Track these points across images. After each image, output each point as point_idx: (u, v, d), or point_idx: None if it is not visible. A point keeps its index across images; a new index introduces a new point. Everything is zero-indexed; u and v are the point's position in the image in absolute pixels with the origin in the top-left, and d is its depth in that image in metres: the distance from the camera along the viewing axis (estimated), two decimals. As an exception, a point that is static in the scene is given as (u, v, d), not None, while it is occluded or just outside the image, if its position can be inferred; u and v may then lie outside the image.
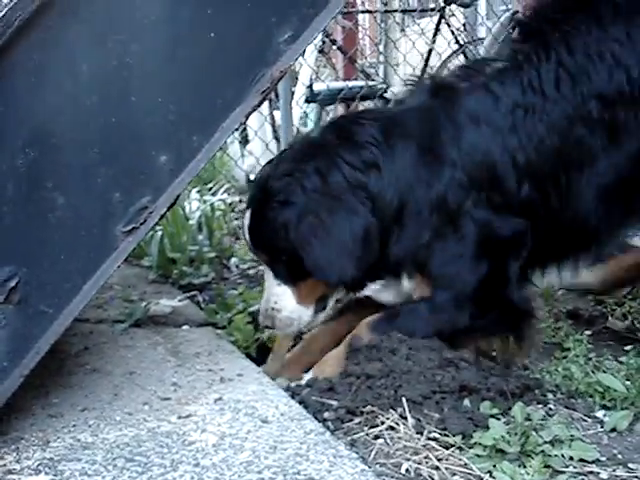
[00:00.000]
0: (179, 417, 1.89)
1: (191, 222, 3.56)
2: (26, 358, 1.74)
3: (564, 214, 2.28)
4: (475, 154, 2.22)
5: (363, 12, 9.04)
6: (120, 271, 3.34)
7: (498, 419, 1.90)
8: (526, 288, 2.32)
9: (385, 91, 6.05)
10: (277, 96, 4.85)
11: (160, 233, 3.35)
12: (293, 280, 2.25)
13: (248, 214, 2.29)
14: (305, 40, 1.87)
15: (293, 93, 5.09)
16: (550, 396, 2.11)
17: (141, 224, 1.77)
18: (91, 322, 2.71)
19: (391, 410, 1.94)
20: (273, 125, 5.17)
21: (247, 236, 2.30)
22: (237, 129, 1.90)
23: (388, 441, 1.83)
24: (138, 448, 1.74)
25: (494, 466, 1.66)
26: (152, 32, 1.76)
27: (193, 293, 3.06)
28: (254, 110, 1.83)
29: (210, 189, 4.60)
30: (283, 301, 2.27)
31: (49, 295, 1.75)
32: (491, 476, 1.63)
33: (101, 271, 1.77)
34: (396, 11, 9.19)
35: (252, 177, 5.28)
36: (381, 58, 9.15)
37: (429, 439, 1.82)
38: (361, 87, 5.84)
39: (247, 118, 1.84)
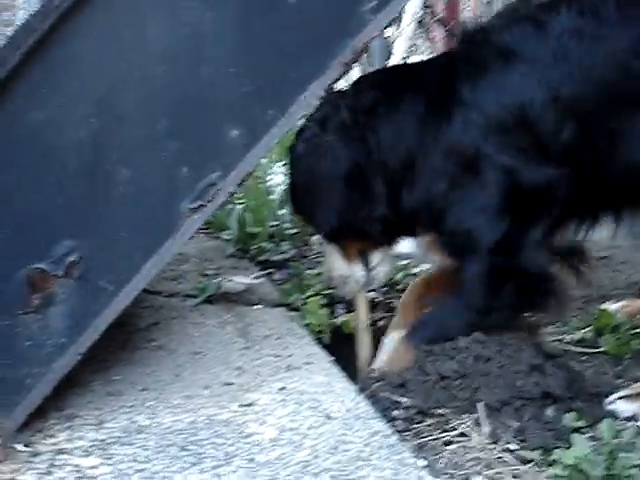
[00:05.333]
0: (240, 405, 1.81)
1: (273, 197, 3.46)
2: (83, 335, 1.69)
3: (613, 161, 1.99)
4: (499, 94, 2.01)
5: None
6: (199, 243, 3.31)
7: (583, 433, 1.73)
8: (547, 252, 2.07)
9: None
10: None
11: (241, 206, 3.27)
12: (330, 238, 2.21)
13: None
14: (393, 9, 1.72)
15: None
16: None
17: (208, 201, 1.68)
18: (163, 295, 2.65)
19: (465, 415, 1.80)
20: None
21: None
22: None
23: (459, 449, 1.69)
24: (193, 436, 1.66)
25: (574, 489, 1.50)
26: (229, -1, 1.65)
27: (270, 271, 2.96)
28: (334, 83, 1.70)
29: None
30: (333, 259, 2.24)
31: (109, 272, 1.68)
32: (571, 500, 1.47)
33: (163, 249, 1.69)
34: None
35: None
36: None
37: (504, 451, 1.67)
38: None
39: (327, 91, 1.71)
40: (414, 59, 5.69)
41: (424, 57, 5.85)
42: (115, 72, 1.63)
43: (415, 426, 1.81)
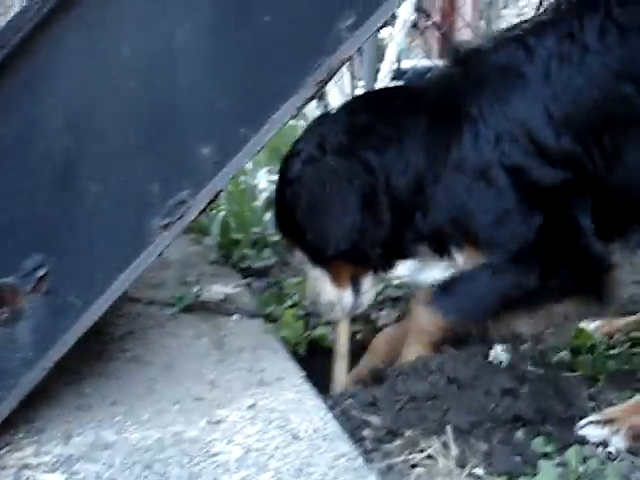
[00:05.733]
0: (208, 422, 1.80)
1: (258, 202, 3.45)
2: (51, 350, 1.67)
3: (611, 178, 2.00)
4: (504, 108, 2.03)
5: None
6: (181, 248, 3.29)
7: (552, 458, 1.72)
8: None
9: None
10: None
11: (224, 212, 3.25)
12: (321, 261, 2.18)
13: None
14: (370, 27, 1.70)
15: (378, 70, 4.89)
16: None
17: (178, 219, 1.67)
18: (142, 303, 2.64)
19: (434, 437, 1.79)
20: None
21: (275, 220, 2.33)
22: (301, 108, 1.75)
23: (425, 473, 1.68)
24: (159, 454, 1.65)
25: (537, 519, 1.50)
26: (202, 14, 1.63)
27: (249, 280, 2.95)
28: (307, 102, 1.68)
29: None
30: (320, 284, 2.20)
31: (79, 287, 1.67)
32: (533, 530, 1.47)
33: (134, 266, 1.68)
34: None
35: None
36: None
37: (470, 476, 1.66)
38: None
39: (300, 110, 1.69)
40: (406, 63, 5.68)
41: (416, 61, 5.84)
42: (89, 86, 1.62)
43: (384, 446, 1.80)
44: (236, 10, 1.64)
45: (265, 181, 3.65)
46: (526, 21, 2.21)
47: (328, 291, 2.19)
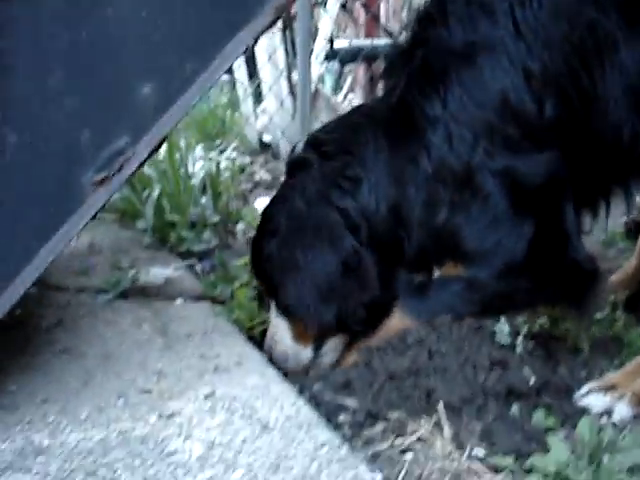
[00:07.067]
0: (159, 416, 1.53)
1: (194, 182, 3.16)
2: (-36, 339, 1.38)
3: (596, 126, 1.82)
4: (474, 95, 1.81)
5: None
6: (111, 233, 2.99)
7: (556, 432, 1.52)
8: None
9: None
10: (294, 50, 4.45)
11: (157, 192, 2.96)
12: (288, 313, 1.95)
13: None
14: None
15: (312, 49, 4.65)
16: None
17: (115, 172, 1.39)
18: (70, 291, 2.33)
19: (422, 418, 1.56)
20: (289, 80, 4.72)
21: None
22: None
23: (420, 458, 1.45)
24: (103, 457, 1.38)
25: (559, 501, 1.29)
26: None
27: (191, 262, 2.67)
28: (264, 31, 1.43)
29: (217, 147, 4.19)
30: (280, 334, 1.97)
31: (-5, 260, 1.38)
32: (556, 515, 1.26)
33: (63, 232, 1.39)
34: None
35: (265, 137, 4.89)
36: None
37: (471, 458, 1.44)
38: (384, 46, 5.39)
39: (256, 41, 1.44)
40: (338, 43, 5.49)
41: (348, 41, 5.65)
42: (-2, 14, 1.33)
43: (365, 432, 1.57)
44: None
45: (201, 159, 3.36)
46: None
47: (286, 343, 1.96)
